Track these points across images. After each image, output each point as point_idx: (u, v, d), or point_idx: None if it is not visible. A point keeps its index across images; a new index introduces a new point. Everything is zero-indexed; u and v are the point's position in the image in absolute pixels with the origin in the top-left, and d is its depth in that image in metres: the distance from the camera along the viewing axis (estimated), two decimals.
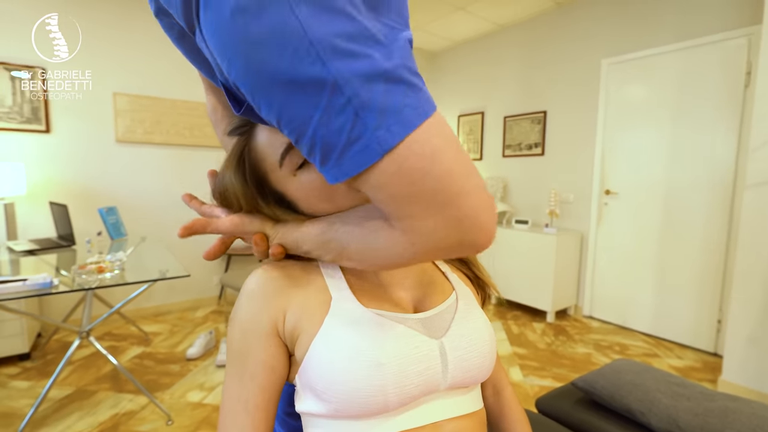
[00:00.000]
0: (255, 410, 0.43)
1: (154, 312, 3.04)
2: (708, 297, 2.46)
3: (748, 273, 1.93)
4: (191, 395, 1.93)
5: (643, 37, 2.68)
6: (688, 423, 0.81)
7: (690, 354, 2.45)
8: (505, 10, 3.17)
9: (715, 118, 2.41)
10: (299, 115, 0.30)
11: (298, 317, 0.44)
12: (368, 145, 0.30)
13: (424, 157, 0.31)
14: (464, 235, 0.34)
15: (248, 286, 0.47)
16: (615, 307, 2.92)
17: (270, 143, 0.44)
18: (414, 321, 0.46)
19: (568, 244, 2.98)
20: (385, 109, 0.29)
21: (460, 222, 0.34)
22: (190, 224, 0.45)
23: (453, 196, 0.33)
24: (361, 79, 0.29)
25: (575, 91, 3.06)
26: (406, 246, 0.36)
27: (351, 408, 0.41)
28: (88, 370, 2.15)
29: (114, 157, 2.78)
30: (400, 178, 0.31)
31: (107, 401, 1.87)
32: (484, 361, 0.48)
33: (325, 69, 0.28)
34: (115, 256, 1.79)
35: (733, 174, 2.35)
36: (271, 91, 0.29)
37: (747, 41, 2.27)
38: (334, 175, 0.32)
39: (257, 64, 0.29)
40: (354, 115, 0.29)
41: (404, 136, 0.30)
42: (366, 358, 0.41)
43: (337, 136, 0.30)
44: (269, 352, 0.44)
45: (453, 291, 0.53)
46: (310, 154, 0.33)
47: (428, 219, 0.33)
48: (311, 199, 0.44)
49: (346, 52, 0.28)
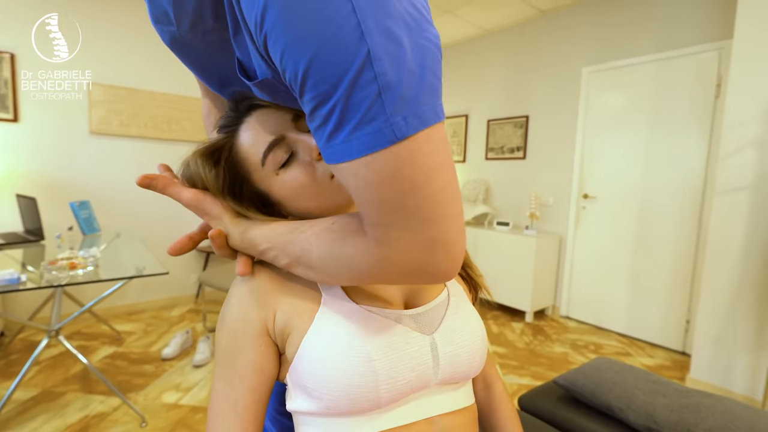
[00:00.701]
0: (244, 411, 0.42)
1: (128, 310, 2.94)
2: (678, 298, 2.56)
3: (715, 276, 2.02)
4: (167, 396, 1.88)
5: (622, 47, 2.76)
6: (665, 418, 0.84)
7: (660, 353, 2.55)
8: (491, 15, 3.22)
9: (688, 127, 2.51)
10: (328, 76, 0.29)
11: (288, 315, 0.44)
12: (381, 129, 0.29)
13: (422, 171, 0.31)
14: (433, 259, 0.34)
15: (237, 287, 0.46)
16: (591, 307, 3.01)
17: (253, 143, 0.44)
18: (405, 317, 0.46)
19: (547, 246, 3.05)
20: (406, 98, 0.29)
21: (433, 245, 0.33)
22: (153, 175, 0.44)
23: (437, 218, 0.32)
24: (391, 60, 0.29)
25: (557, 97, 3.13)
26: (375, 259, 0.35)
27: (342, 405, 0.40)
28: (55, 370, 2.06)
29: (88, 149, 2.67)
30: (394, 182, 0.31)
31: (76, 403, 1.79)
32: (474, 357, 0.48)
33: (363, 39, 0.28)
34: (89, 252, 1.73)
35: (703, 181, 2.45)
36: (305, 45, 0.29)
37: (717, 54, 2.37)
38: (339, 153, 0.31)
39: (298, 15, 0.28)
40: (377, 93, 0.29)
41: (417, 131, 0.30)
42: (357, 354, 0.41)
43: (356, 109, 0.29)
44: (259, 352, 0.44)
45: (444, 287, 0.53)
46: (324, 122, 0.31)
47: (405, 234, 0.33)
48: (296, 197, 0.45)
49: (384, 29, 0.28)
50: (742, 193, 1.92)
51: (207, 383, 2.00)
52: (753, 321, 1.90)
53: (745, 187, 1.91)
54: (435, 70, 0.32)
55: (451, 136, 3.99)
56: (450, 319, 0.48)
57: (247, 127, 0.45)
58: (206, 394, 1.90)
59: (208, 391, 1.92)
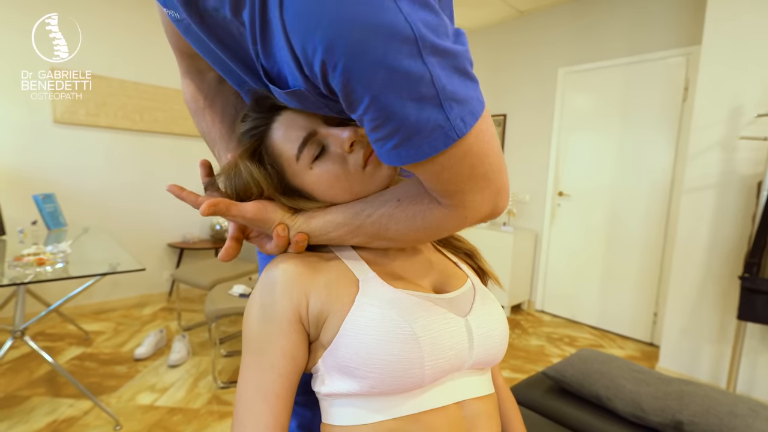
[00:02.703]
0: (275, 399, 0.42)
1: (96, 309, 2.80)
2: (646, 292, 2.69)
3: (682, 270, 2.13)
4: (141, 398, 1.80)
5: (596, 49, 2.86)
6: (651, 406, 0.87)
7: (630, 344, 2.67)
8: (471, 14, 3.25)
9: (657, 128, 2.63)
10: (394, 102, 0.32)
11: (323, 300, 0.44)
12: (446, 133, 0.34)
13: (485, 142, 0.37)
14: (498, 202, 0.42)
15: (270, 274, 0.46)
16: (565, 302, 3.11)
17: (286, 140, 0.46)
18: (441, 300, 0.48)
19: (523, 242, 3.13)
20: (461, 100, 0.34)
21: (498, 192, 0.42)
22: (215, 201, 0.44)
23: (497, 173, 0.40)
24: (447, 73, 0.33)
25: (534, 96, 3.21)
26: (458, 219, 0.43)
27: (387, 383, 0.41)
28: (18, 373, 1.94)
29: (52, 139, 2.52)
30: (466, 159, 0.37)
31: (42, 407, 1.70)
32: (503, 340, 0.51)
33: (423, 64, 0.31)
34: (57, 247, 1.63)
35: (671, 180, 2.57)
36: (372, 77, 0.31)
37: (685, 60, 2.49)
38: (407, 157, 0.36)
39: (362, 49, 0.30)
40: (439, 105, 0.33)
41: (473, 125, 0.35)
42: (403, 331, 0.42)
43: (423, 123, 0.33)
44: (290, 338, 0.44)
45: (468, 278, 0.55)
46: (385, 138, 0.35)
47: (478, 193, 0.40)
48: (330, 190, 0.47)
49: (437, 48, 0.32)
50: (708, 191, 2.03)
51: (184, 384, 1.93)
52: (717, 313, 2.02)
53: (710, 186, 2.02)
54: (471, 64, 0.36)
55: None
56: (479, 304, 0.51)
57: (279, 126, 0.47)
58: (183, 394, 1.84)
59: (186, 392, 1.87)
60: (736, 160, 1.94)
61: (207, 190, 0.50)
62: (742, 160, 1.92)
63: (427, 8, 0.31)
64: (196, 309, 2.93)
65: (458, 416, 0.46)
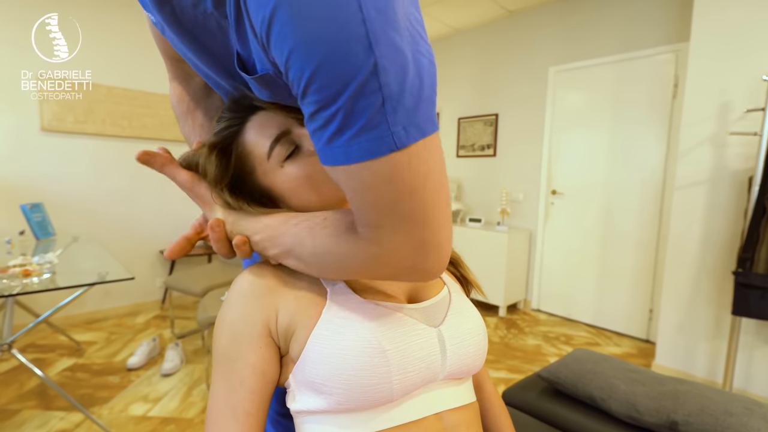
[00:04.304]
0: (245, 417, 0.40)
1: (87, 319, 2.76)
2: (641, 289, 2.69)
3: (676, 266, 2.13)
4: (134, 408, 1.78)
5: (586, 48, 2.86)
6: (645, 406, 0.86)
7: (626, 341, 2.67)
8: (460, 14, 3.25)
9: (647, 126, 2.63)
10: (334, 82, 0.29)
11: (292, 313, 0.43)
12: (382, 137, 0.30)
13: (419, 176, 0.32)
14: (422, 259, 0.36)
15: (237, 287, 0.45)
16: (560, 300, 3.11)
17: (259, 138, 0.45)
18: (411, 310, 0.46)
19: (518, 241, 3.12)
20: (407, 109, 0.30)
21: (423, 246, 0.35)
22: (152, 152, 0.44)
23: (428, 221, 0.34)
24: (396, 72, 0.30)
25: (525, 95, 3.21)
26: (366, 257, 0.37)
27: (355, 399, 0.40)
28: (8, 387, 1.91)
29: (39, 147, 2.48)
30: (390, 186, 0.32)
31: (33, 421, 1.67)
32: (478, 350, 0.49)
33: (371, 50, 0.29)
34: (44, 257, 1.60)
35: (663, 176, 2.58)
36: (314, 49, 0.29)
37: (675, 56, 2.50)
38: (337, 156, 0.32)
39: (309, 19, 0.28)
40: (380, 102, 0.30)
41: (416, 141, 0.31)
42: (369, 345, 0.40)
43: (359, 116, 0.30)
44: (260, 354, 0.42)
45: (444, 285, 0.54)
46: (326, 123, 0.31)
47: (397, 235, 0.34)
48: (298, 189, 0.45)
49: (391, 41, 0.29)
50: (700, 187, 2.04)
51: (177, 393, 1.91)
52: (712, 308, 2.02)
53: (702, 182, 2.03)
54: (432, 84, 0.33)
55: None
56: (453, 314, 0.49)
57: (253, 124, 0.46)
58: (177, 404, 1.82)
59: (179, 402, 1.85)
60: (727, 155, 1.95)
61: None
62: (732, 156, 1.93)
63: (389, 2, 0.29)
64: (190, 316, 2.90)
65: (437, 428, 0.44)
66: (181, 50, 0.45)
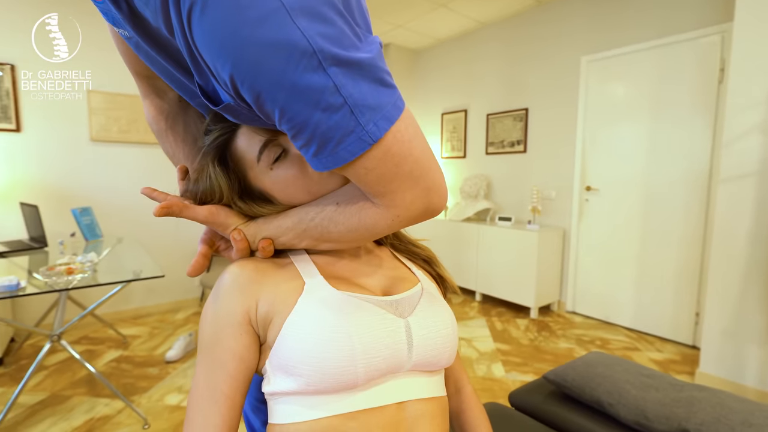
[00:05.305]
0: (222, 398, 0.43)
1: (133, 315, 2.97)
2: (686, 290, 2.50)
3: (722, 266, 1.96)
4: (169, 398, 1.89)
5: (621, 34, 2.71)
6: (656, 413, 0.81)
7: (670, 347, 2.49)
8: (486, 7, 3.18)
9: (692, 114, 2.44)
10: (301, 112, 0.34)
11: (270, 302, 0.46)
12: (361, 137, 0.36)
13: (404, 143, 0.39)
14: (431, 201, 0.43)
15: (222, 280, 0.48)
16: (597, 302, 2.95)
17: (248, 143, 0.48)
18: (381, 301, 0.49)
19: (550, 240, 3.00)
20: (373, 107, 0.35)
21: (429, 191, 0.43)
22: (167, 203, 0.47)
23: (425, 171, 0.41)
24: (353, 82, 0.34)
25: (556, 88, 3.08)
26: (390, 219, 0.44)
27: (321, 380, 0.42)
28: (62, 374, 2.10)
29: (88, 156, 2.71)
30: (387, 160, 0.38)
31: (82, 406, 1.82)
32: (446, 343, 0.50)
33: (326, 75, 0.33)
34: (86, 257, 1.75)
35: (709, 169, 2.39)
36: (277, 92, 0.33)
37: (720, 38, 2.31)
38: (328, 164, 0.38)
39: (264, 68, 0.32)
40: (349, 112, 0.34)
41: (388, 129, 0.37)
42: (337, 330, 0.43)
43: (334, 130, 0.35)
44: (240, 341, 0.45)
45: (419, 282, 0.56)
46: (305, 145, 0.37)
47: (407, 192, 0.41)
48: (288, 190, 0.48)
49: (340, 58, 0.33)
50: (748, 179, 1.86)
51: None
52: (763, 311, 1.84)
53: (750, 174, 1.85)
54: (383, 66, 0.37)
55: (450, 132, 3.95)
56: (423, 307, 0.51)
57: (243, 131, 0.49)
58: None
59: None
60: None
61: (182, 196, 0.52)
62: None
63: (325, 22, 0.32)
64: None
65: (398, 417, 0.46)
66: (154, 62, 0.46)
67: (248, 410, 0.65)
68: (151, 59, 0.46)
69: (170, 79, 0.48)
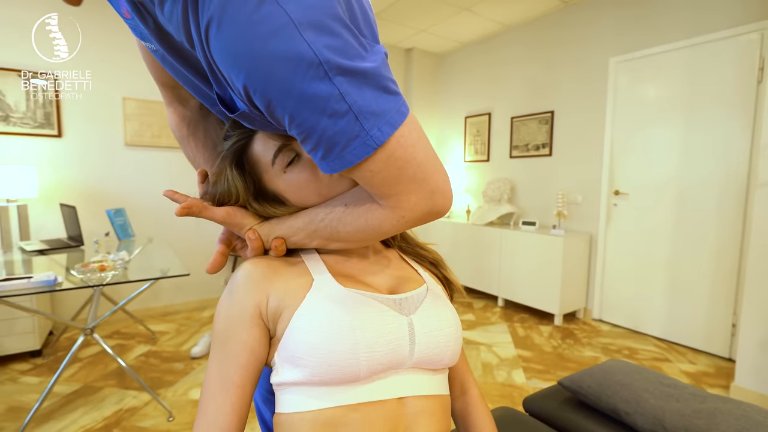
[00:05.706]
0: (234, 388, 0.46)
1: (162, 312, 3.09)
2: (722, 300, 2.38)
3: (760, 275, 1.86)
4: (193, 393, 1.96)
5: (651, 34, 2.62)
6: (674, 424, 0.78)
7: (703, 359, 2.37)
8: (510, 10, 3.15)
9: (728, 115, 2.33)
10: (309, 119, 0.37)
11: (281, 297, 0.48)
12: (365, 142, 0.38)
13: (407, 147, 0.41)
14: (435, 203, 0.45)
15: (236, 277, 0.51)
16: (626, 310, 2.84)
17: (263, 148, 0.51)
18: (386, 299, 0.51)
19: (576, 245, 2.92)
20: (377, 113, 0.38)
21: (432, 193, 0.44)
22: (188, 204, 0.50)
23: (428, 174, 0.43)
24: (358, 90, 0.36)
25: (582, 90, 3.01)
26: (396, 220, 0.46)
27: (326, 371, 0.44)
28: (95, 367, 2.20)
29: (122, 160, 2.86)
30: (391, 163, 0.40)
31: (112, 397, 1.90)
32: (449, 342, 0.51)
33: (332, 84, 0.35)
34: (117, 255, 1.84)
35: (747, 172, 2.27)
36: (287, 100, 0.36)
37: (759, 36, 2.19)
38: (335, 166, 0.40)
39: (274, 78, 0.35)
40: (354, 118, 0.37)
41: (392, 134, 0.39)
42: (342, 324, 0.45)
43: (340, 135, 0.37)
44: (251, 333, 0.47)
45: (424, 283, 0.57)
46: (313, 149, 0.40)
47: (411, 194, 0.43)
48: (300, 192, 0.51)
49: (346, 68, 0.35)
50: None
51: None
52: None
53: None
54: (388, 75, 0.39)
55: (474, 135, 3.92)
56: (427, 306, 0.52)
57: (260, 136, 0.52)
58: None
59: None
60: None
61: (202, 198, 0.55)
62: None
63: (331, 35, 0.35)
64: None
65: (398, 412, 0.47)
66: (179, 73, 0.50)
67: (259, 402, 0.67)
68: (176, 70, 0.49)
69: (192, 88, 0.51)
